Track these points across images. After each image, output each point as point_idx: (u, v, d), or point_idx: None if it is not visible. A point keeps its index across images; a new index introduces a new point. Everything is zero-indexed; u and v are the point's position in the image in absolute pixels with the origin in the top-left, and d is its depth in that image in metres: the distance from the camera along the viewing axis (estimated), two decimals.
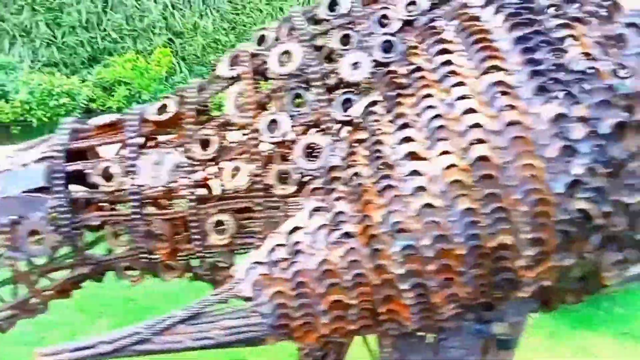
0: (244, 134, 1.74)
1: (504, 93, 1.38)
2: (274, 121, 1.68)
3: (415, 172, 1.43)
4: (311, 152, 1.67)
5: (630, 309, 3.92)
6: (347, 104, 1.66)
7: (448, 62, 1.47)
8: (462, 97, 1.42)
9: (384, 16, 1.70)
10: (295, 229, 1.57)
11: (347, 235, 1.50)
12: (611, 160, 1.38)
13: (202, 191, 1.84)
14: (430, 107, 1.45)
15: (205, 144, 1.76)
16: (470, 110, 1.40)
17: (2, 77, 9.57)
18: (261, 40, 1.82)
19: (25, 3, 10.25)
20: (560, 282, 1.64)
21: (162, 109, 1.83)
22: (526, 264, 1.45)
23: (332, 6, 1.77)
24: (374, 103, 1.58)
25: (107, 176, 1.78)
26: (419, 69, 1.51)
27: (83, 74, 10.90)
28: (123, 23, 11.15)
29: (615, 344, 3.46)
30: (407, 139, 1.47)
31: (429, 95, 1.46)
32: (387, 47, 1.66)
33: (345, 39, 1.72)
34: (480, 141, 1.39)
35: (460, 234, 1.41)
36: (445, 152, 1.42)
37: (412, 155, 1.45)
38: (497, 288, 1.53)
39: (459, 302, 1.52)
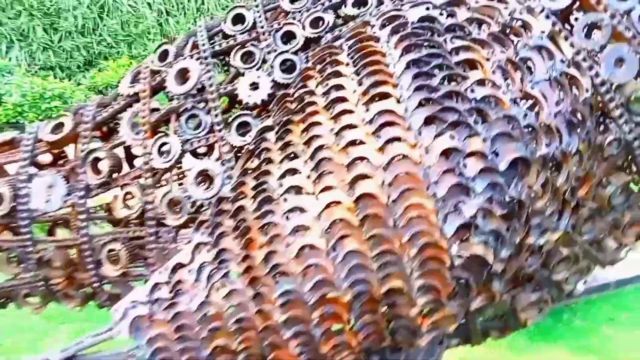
0: (139, 157, 1.62)
1: (391, 123, 1.24)
2: (165, 144, 1.55)
3: (297, 209, 1.29)
4: (205, 179, 1.54)
5: (590, 321, 3.91)
6: (245, 127, 1.53)
7: (338, 87, 1.33)
8: (349, 127, 1.28)
9: (289, 32, 1.57)
10: (179, 265, 1.44)
11: (231, 275, 1.37)
12: (511, 201, 1.23)
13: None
14: (316, 136, 1.31)
15: (97, 167, 1.64)
16: (356, 142, 1.26)
17: None
18: (163, 55, 1.69)
19: (23, 8, 10.32)
20: (471, 324, 1.50)
21: (58, 127, 1.71)
22: (420, 312, 1.30)
23: (237, 21, 1.65)
24: (267, 129, 1.45)
25: None
26: (310, 92, 1.37)
27: (78, 77, 10.94)
28: (118, 28, 11.20)
29: (573, 357, 3.43)
30: (293, 171, 1.33)
31: (317, 123, 1.32)
32: (289, 66, 1.52)
33: (248, 57, 1.59)
34: (366, 176, 1.24)
35: (346, 278, 1.27)
36: (329, 187, 1.27)
37: (297, 190, 1.31)
38: (396, 334, 1.39)
39: (353, 350, 1.38)
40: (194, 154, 1.57)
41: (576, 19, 1.36)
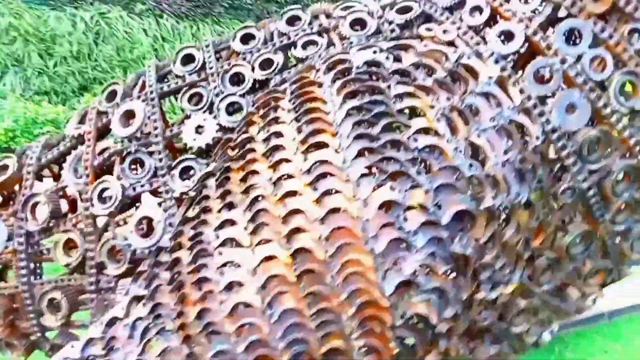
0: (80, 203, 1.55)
1: (329, 174, 1.17)
2: (106, 189, 1.48)
3: (232, 263, 1.22)
4: (146, 227, 1.47)
5: (581, 353, 3.77)
6: (189, 172, 1.46)
7: (278, 134, 1.27)
8: (287, 176, 1.21)
9: (238, 74, 1.52)
10: (114, 319, 1.36)
11: (164, 331, 1.29)
12: (455, 256, 1.16)
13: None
14: (254, 185, 1.25)
15: (40, 211, 1.57)
16: (293, 193, 1.20)
17: None
18: (111, 96, 1.64)
19: (19, 34, 10.35)
20: None
21: (2, 169, 1.65)
22: None
23: (188, 61, 1.60)
24: (208, 175, 1.38)
25: None
26: (251, 139, 1.32)
27: (73, 102, 10.96)
28: (114, 54, 11.22)
29: None
30: (231, 222, 1.26)
31: (255, 172, 1.26)
32: (236, 109, 1.47)
33: (196, 98, 1.54)
34: (302, 230, 1.18)
35: (283, 338, 1.19)
36: (266, 241, 1.21)
37: (233, 242, 1.24)
38: None
39: None
40: (137, 199, 1.50)
41: (526, 64, 1.31)
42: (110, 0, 10.87)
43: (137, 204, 1.55)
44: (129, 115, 1.54)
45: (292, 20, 1.57)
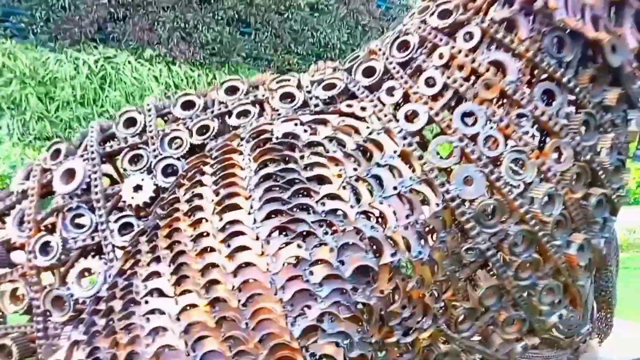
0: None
1: (240, 233, 1.33)
2: (47, 243, 1.61)
3: (157, 310, 1.35)
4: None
5: None
6: (128, 228, 1.60)
7: (199, 196, 1.43)
8: (204, 235, 1.37)
9: (176, 138, 1.68)
10: None
11: None
12: (356, 305, 1.30)
13: None
14: (177, 241, 1.40)
15: None
16: (209, 249, 1.35)
17: None
18: (55, 154, 1.77)
19: (14, 76, 10.32)
20: None
21: None
22: None
23: (129, 124, 1.75)
24: (142, 232, 1.53)
25: None
26: (177, 199, 1.48)
27: None
28: (122, 100, 11.17)
29: None
30: (157, 274, 1.40)
31: (178, 229, 1.41)
32: (171, 171, 1.62)
33: (136, 159, 1.69)
34: (217, 282, 1.32)
35: None
36: (187, 291, 1.35)
37: (159, 292, 1.38)
38: None
39: None
40: (83, 252, 1.64)
41: (428, 140, 1.48)
42: (117, 44, 10.86)
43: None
44: (70, 173, 1.68)
45: (231, 90, 1.75)
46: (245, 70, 11.30)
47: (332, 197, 1.36)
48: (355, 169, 1.41)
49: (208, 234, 1.36)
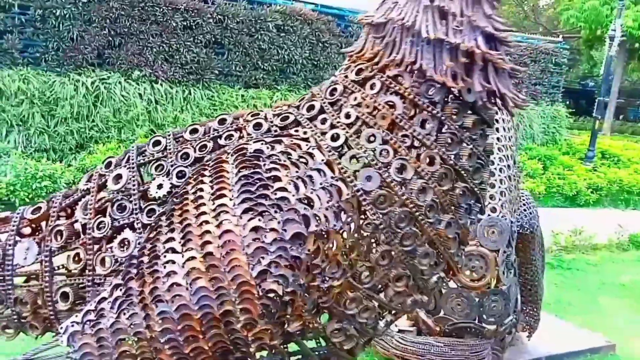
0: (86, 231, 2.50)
1: (225, 212, 2.15)
2: (102, 222, 2.44)
3: (171, 261, 2.17)
4: (125, 244, 2.42)
5: None
6: (152, 212, 2.43)
7: (201, 189, 2.26)
8: (203, 213, 2.19)
9: (186, 153, 2.52)
10: (103, 299, 2.29)
11: (131, 304, 2.22)
12: (292, 258, 2.12)
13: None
14: (185, 218, 2.22)
15: (60, 236, 2.51)
16: (205, 222, 2.17)
17: None
18: (108, 164, 2.61)
19: (25, 97, 11.32)
20: (302, 346, 2.34)
21: (36, 210, 2.60)
22: (245, 327, 2.15)
23: (156, 144, 2.59)
24: (162, 213, 2.36)
25: None
26: (186, 192, 2.30)
27: (69, 159, 11.86)
28: (110, 115, 12.16)
29: None
30: (172, 239, 2.22)
31: (186, 211, 2.23)
32: (182, 175, 2.45)
33: (160, 168, 2.52)
34: (209, 242, 2.14)
35: (197, 303, 2.12)
36: (190, 249, 2.16)
37: (172, 250, 2.20)
38: (236, 344, 2.22)
39: (207, 353, 2.20)
40: (121, 228, 2.45)
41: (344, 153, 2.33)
42: (111, 67, 11.91)
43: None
44: (118, 177, 2.52)
45: (221, 121, 2.60)
46: (217, 86, 12.68)
47: (282, 189, 2.19)
48: (297, 172, 2.24)
49: (205, 213, 2.18)
